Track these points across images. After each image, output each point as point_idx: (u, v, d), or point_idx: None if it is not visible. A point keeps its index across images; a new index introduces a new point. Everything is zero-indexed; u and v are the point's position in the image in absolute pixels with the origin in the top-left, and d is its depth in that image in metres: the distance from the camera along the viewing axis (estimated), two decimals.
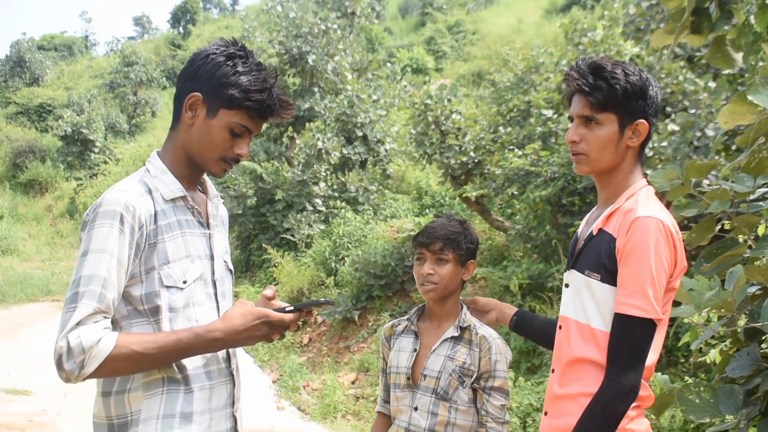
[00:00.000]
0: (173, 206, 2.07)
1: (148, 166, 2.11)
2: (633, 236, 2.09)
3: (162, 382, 1.98)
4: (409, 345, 2.81)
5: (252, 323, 1.99)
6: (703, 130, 6.65)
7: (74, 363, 1.80)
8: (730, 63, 3.30)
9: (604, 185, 2.31)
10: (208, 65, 2.05)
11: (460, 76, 24.39)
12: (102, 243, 1.90)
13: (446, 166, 9.86)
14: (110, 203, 1.93)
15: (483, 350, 2.68)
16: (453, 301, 2.79)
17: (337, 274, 11.66)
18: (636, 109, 2.20)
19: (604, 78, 2.19)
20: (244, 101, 2.02)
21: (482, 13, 35.35)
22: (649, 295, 2.06)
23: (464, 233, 2.76)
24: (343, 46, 16.69)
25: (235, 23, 43.50)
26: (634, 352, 2.09)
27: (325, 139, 14.44)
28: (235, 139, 2.07)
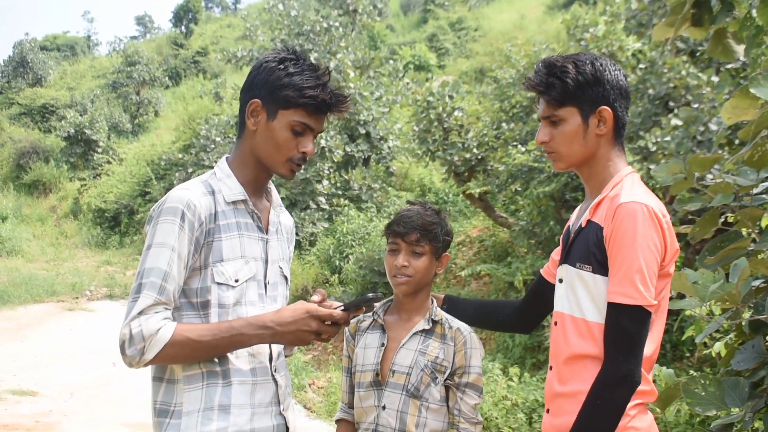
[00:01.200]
0: (234, 209, 2.17)
1: (215, 169, 2.23)
2: (618, 223, 2.07)
3: (201, 377, 2.06)
4: (375, 340, 2.66)
5: (300, 316, 2.07)
6: (707, 125, 6.65)
7: (135, 349, 1.93)
8: (731, 56, 3.30)
9: (587, 178, 2.29)
10: (263, 73, 2.15)
11: (462, 72, 24.36)
12: (163, 238, 2.02)
13: (449, 162, 9.86)
14: (173, 200, 2.06)
15: (458, 344, 2.57)
16: (424, 294, 2.67)
17: (342, 271, 11.68)
18: (594, 97, 2.19)
19: (555, 74, 2.20)
20: (299, 99, 2.10)
21: (484, 10, 35.31)
22: (635, 282, 2.03)
23: (441, 224, 2.64)
24: (345, 43, 16.69)
25: (237, 22, 43.57)
26: (627, 341, 2.06)
27: (328, 137, 14.45)
28: (298, 138, 2.15)
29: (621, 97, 2.23)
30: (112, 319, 13.09)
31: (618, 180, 2.20)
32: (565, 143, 2.23)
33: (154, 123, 32.11)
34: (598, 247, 2.13)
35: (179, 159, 19.75)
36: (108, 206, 22.56)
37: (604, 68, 2.21)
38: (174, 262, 2.01)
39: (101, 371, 9.49)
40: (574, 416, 2.12)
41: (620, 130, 2.26)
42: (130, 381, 8.52)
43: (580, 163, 2.26)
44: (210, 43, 42.73)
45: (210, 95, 28.34)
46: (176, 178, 19.51)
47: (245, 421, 2.09)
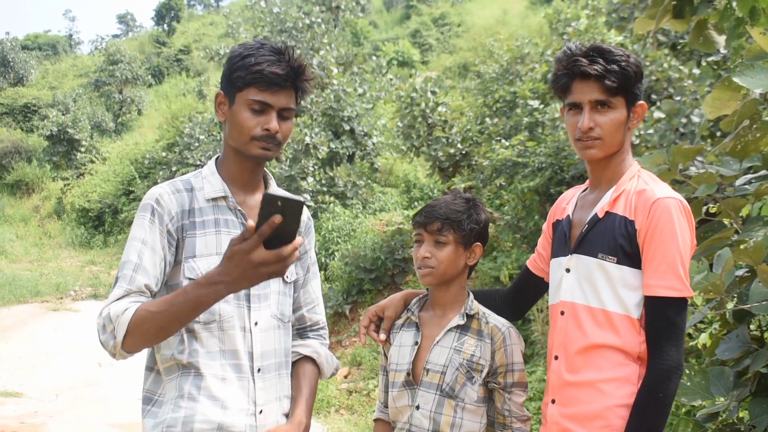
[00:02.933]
0: (213, 205, 2.19)
1: (204, 168, 2.27)
2: (656, 218, 2.09)
3: (177, 368, 2.11)
4: (410, 338, 2.54)
5: (237, 260, 1.80)
6: (689, 117, 6.69)
7: (107, 334, 1.96)
8: (712, 46, 3.32)
9: (603, 168, 2.27)
10: (224, 66, 2.20)
11: (446, 68, 24.37)
12: (135, 232, 2.10)
13: (434, 158, 9.88)
14: (146, 198, 2.15)
15: (496, 342, 2.44)
16: (457, 287, 2.52)
17: (328, 268, 11.66)
18: (638, 91, 2.23)
19: (616, 61, 2.18)
20: (247, 76, 2.10)
21: (467, 5, 35.30)
22: (681, 275, 2.07)
23: (468, 212, 2.49)
24: (328, 40, 16.67)
25: (220, 19, 43.36)
26: (673, 332, 2.09)
27: (312, 134, 14.42)
28: (259, 116, 2.13)
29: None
30: None
31: (632, 174, 2.23)
32: (611, 131, 2.20)
33: (137, 122, 31.95)
34: (627, 239, 2.15)
35: (163, 158, 19.67)
36: (92, 206, 22.43)
37: (639, 61, 2.26)
38: (145, 254, 2.06)
39: (87, 372, 9.44)
40: (588, 405, 2.16)
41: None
42: (116, 381, 8.49)
43: (614, 154, 2.25)
44: (193, 41, 42.55)
45: (193, 93, 28.24)
46: (160, 176, 19.42)
47: (214, 413, 2.07)
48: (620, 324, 2.15)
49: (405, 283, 10.15)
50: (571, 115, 2.25)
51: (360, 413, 7.86)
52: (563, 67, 2.25)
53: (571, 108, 2.26)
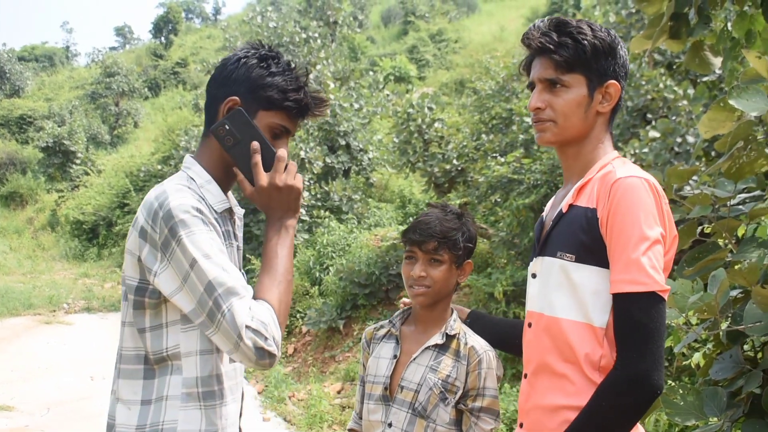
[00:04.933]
0: (221, 217, 2.02)
1: (190, 173, 2.02)
2: (616, 200, 1.82)
3: (198, 396, 1.94)
4: (389, 351, 2.50)
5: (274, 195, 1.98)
6: (684, 137, 6.72)
7: (269, 340, 1.80)
8: (708, 68, 3.33)
9: (572, 158, 2.04)
10: (242, 69, 2.01)
11: (442, 84, 24.49)
12: (203, 247, 1.83)
13: (429, 174, 9.90)
14: (181, 212, 1.85)
15: (471, 364, 2.37)
16: (443, 306, 2.48)
17: (322, 283, 11.65)
18: (605, 68, 1.96)
19: (570, 34, 1.94)
20: (282, 102, 2.00)
21: (464, 22, 35.54)
22: (644, 265, 1.76)
23: (462, 229, 2.44)
24: (324, 54, 16.73)
25: (217, 33, 43.51)
26: (641, 335, 1.76)
27: (307, 148, 14.44)
28: (275, 141, 2.03)
29: (626, 77, 2.03)
30: (90, 333, 13.00)
31: (606, 162, 1.97)
32: (564, 113, 1.97)
33: (133, 134, 32.02)
34: (587, 232, 1.87)
35: (158, 170, 19.68)
36: (86, 218, 22.43)
37: (618, 41, 1.99)
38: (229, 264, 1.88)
39: (79, 385, 9.40)
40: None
41: (616, 112, 2.05)
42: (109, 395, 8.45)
43: (572, 140, 2.01)
44: (190, 54, 42.65)
45: (189, 106, 28.29)
46: None
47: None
48: (577, 334, 1.88)
49: (399, 299, 10.13)
50: (530, 96, 2.04)
51: None
52: (523, 44, 2.05)
53: (531, 88, 2.05)
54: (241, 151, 1.95)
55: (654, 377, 1.75)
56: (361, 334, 9.82)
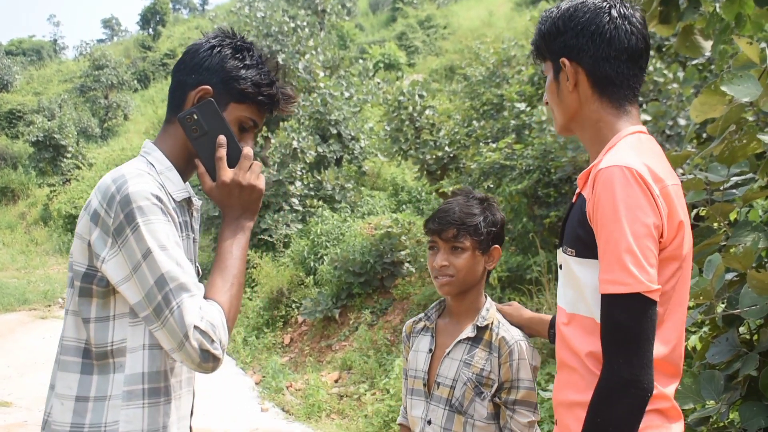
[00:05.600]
0: (179, 206, 1.95)
1: (150, 159, 1.95)
2: (597, 194, 1.70)
3: (142, 393, 1.85)
4: (426, 345, 2.45)
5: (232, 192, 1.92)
6: (675, 119, 6.73)
7: (215, 343, 1.74)
8: (698, 51, 3.34)
9: (586, 144, 1.96)
10: (215, 58, 1.96)
11: (432, 70, 24.45)
12: (160, 238, 1.77)
13: (422, 161, 9.89)
14: (140, 198, 1.77)
15: (503, 355, 2.30)
16: (474, 294, 2.40)
17: (317, 273, 11.66)
18: (556, 48, 1.89)
19: (538, 29, 1.94)
20: (256, 96, 1.96)
21: (453, 7, 35.43)
22: (626, 264, 1.63)
23: (484, 214, 2.36)
24: (313, 43, 16.67)
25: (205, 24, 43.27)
26: (625, 338, 1.65)
27: (299, 138, 14.42)
28: (243, 134, 1.99)
29: (599, 46, 1.85)
30: None
31: (614, 143, 1.82)
32: (551, 102, 1.95)
33: (123, 127, 31.89)
34: (583, 225, 1.77)
35: None
36: (78, 212, 22.31)
37: (576, 14, 1.87)
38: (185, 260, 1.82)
39: None
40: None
41: (605, 86, 1.87)
42: None
43: (567, 126, 1.95)
44: (178, 45, 42.41)
45: None
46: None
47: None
48: (591, 330, 1.79)
49: (395, 287, 10.15)
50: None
51: (351, 417, 7.86)
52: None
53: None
54: (206, 144, 1.91)
55: (643, 381, 1.65)
56: (356, 323, 9.85)
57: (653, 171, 1.72)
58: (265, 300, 11.94)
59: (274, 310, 11.66)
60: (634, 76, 1.88)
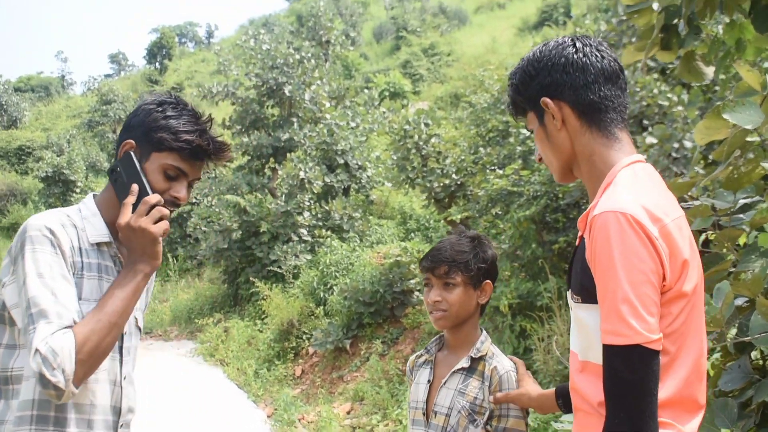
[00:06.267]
0: (97, 250, 2.07)
1: (80, 206, 2.13)
2: (593, 241, 1.66)
3: (30, 419, 1.91)
4: (425, 377, 2.57)
5: (130, 234, 2.01)
6: (681, 142, 6.73)
7: (55, 370, 1.78)
8: (701, 77, 3.35)
9: (586, 183, 1.91)
10: (140, 114, 2.12)
11: (437, 98, 24.57)
12: (40, 267, 1.89)
13: (429, 189, 9.90)
14: (32, 229, 1.93)
15: (494, 384, 2.40)
16: (469, 327, 2.53)
17: (327, 303, 11.64)
18: (533, 92, 1.88)
19: (510, 85, 1.97)
20: (173, 142, 2.06)
21: (456, 34, 35.69)
22: (623, 315, 1.58)
23: (474, 251, 2.49)
24: (319, 74, 16.77)
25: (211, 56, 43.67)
26: (627, 392, 1.59)
27: (306, 168, 14.46)
28: (171, 182, 2.10)
29: (574, 75, 1.83)
30: None
31: (609, 180, 1.78)
32: (543, 152, 1.94)
33: None
34: (585, 271, 1.72)
35: None
36: None
37: (542, 56, 1.88)
38: (61, 286, 1.91)
39: None
40: None
41: (591, 114, 1.83)
42: None
43: (565, 169, 1.91)
44: (185, 78, 42.83)
45: None
46: None
47: None
48: (590, 374, 1.76)
49: (405, 316, 10.12)
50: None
51: None
52: None
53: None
54: (124, 192, 2.05)
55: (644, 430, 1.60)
56: (368, 353, 9.81)
57: (650, 211, 1.67)
58: (276, 332, 11.91)
59: (284, 342, 11.63)
60: (617, 97, 1.85)
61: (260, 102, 16.35)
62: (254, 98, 16.35)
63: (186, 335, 15.10)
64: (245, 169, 16.55)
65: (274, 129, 16.15)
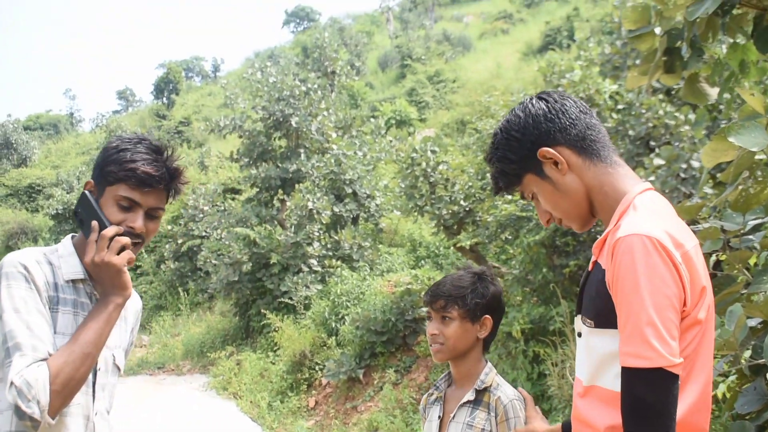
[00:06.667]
0: (72, 287, 2.13)
1: (59, 246, 2.20)
2: (617, 264, 1.67)
3: None
4: (435, 414, 2.63)
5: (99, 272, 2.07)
6: (689, 162, 6.72)
7: (30, 401, 1.84)
8: (705, 99, 3.36)
9: (600, 214, 1.93)
10: (99, 156, 2.19)
11: (444, 124, 24.64)
12: (14, 302, 1.96)
13: (438, 216, 9.89)
14: (7, 266, 2.01)
15: (499, 414, 2.45)
16: (472, 360, 2.58)
17: (338, 333, 11.61)
18: (527, 152, 1.91)
19: (493, 169, 2.00)
20: (119, 172, 2.11)
21: (460, 61, 35.88)
22: (647, 338, 1.59)
23: (473, 287, 2.54)
24: (325, 105, 16.85)
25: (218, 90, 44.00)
26: (647, 414, 1.61)
27: (314, 199, 14.49)
28: (126, 213, 2.13)
29: (557, 119, 1.90)
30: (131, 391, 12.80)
31: (625, 206, 1.81)
32: (556, 207, 1.93)
33: None
34: (602, 296, 1.74)
35: (168, 231, 19.75)
36: None
37: (518, 119, 1.94)
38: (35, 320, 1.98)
39: None
40: None
41: (587, 147, 1.90)
42: None
43: (587, 211, 1.92)
44: (192, 113, 43.10)
45: (195, 165, 28.51)
46: (166, 249, 19.49)
47: None
48: (609, 402, 1.76)
49: (417, 344, 10.08)
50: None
51: None
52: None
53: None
54: (87, 231, 2.12)
55: None
56: (381, 383, 9.77)
57: (673, 236, 1.70)
58: (288, 363, 11.87)
59: (297, 373, 11.59)
60: (598, 125, 1.93)
61: (267, 134, 16.43)
62: (261, 130, 16.43)
63: (198, 369, 15.06)
64: (254, 201, 16.59)
65: (282, 160, 16.21)
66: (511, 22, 43.00)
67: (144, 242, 2.20)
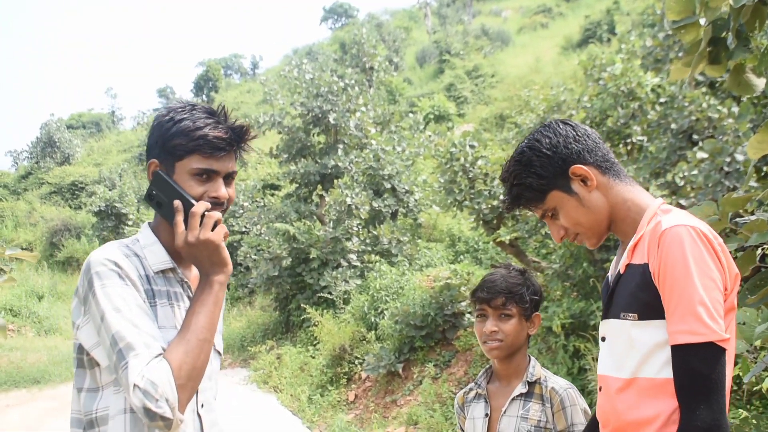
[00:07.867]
0: (163, 277, 2.01)
1: (138, 236, 2.07)
2: (665, 252, 1.81)
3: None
4: (481, 411, 2.63)
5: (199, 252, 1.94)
6: (733, 155, 6.62)
7: (159, 401, 1.74)
8: (751, 90, 3.30)
9: (618, 230, 2.06)
10: (155, 131, 2.03)
11: (482, 119, 24.53)
12: (114, 301, 1.84)
13: (477, 211, 9.86)
14: (96, 265, 1.88)
15: (555, 404, 2.48)
16: (520, 356, 2.62)
17: (378, 328, 11.64)
18: (558, 168, 2.04)
19: (514, 185, 2.09)
20: (188, 144, 1.97)
21: (499, 55, 35.65)
22: (701, 315, 1.74)
23: (526, 284, 2.61)
24: (363, 101, 16.90)
25: (257, 87, 44.30)
26: (704, 386, 1.74)
27: (353, 194, 14.54)
28: (206, 185, 2.00)
29: (583, 140, 2.06)
30: None
31: (653, 212, 1.96)
32: (578, 222, 2.04)
33: None
34: (645, 288, 1.86)
35: None
36: None
37: (546, 138, 2.07)
38: (140, 317, 1.86)
39: None
40: None
41: (609, 168, 2.06)
42: None
43: (605, 227, 2.05)
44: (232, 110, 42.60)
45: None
46: None
47: None
48: (653, 392, 1.85)
49: (457, 338, 10.08)
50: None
51: None
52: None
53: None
54: (170, 212, 1.97)
55: (722, 425, 1.73)
56: (420, 377, 9.78)
57: (711, 230, 1.87)
58: (328, 357, 11.94)
59: (337, 367, 11.65)
60: (609, 149, 2.10)
61: (306, 130, 16.52)
62: (300, 127, 16.53)
63: (239, 363, 15.22)
64: (293, 196, 16.70)
65: (321, 156, 16.29)
66: (550, 16, 42.62)
67: (226, 209, 2.08)
